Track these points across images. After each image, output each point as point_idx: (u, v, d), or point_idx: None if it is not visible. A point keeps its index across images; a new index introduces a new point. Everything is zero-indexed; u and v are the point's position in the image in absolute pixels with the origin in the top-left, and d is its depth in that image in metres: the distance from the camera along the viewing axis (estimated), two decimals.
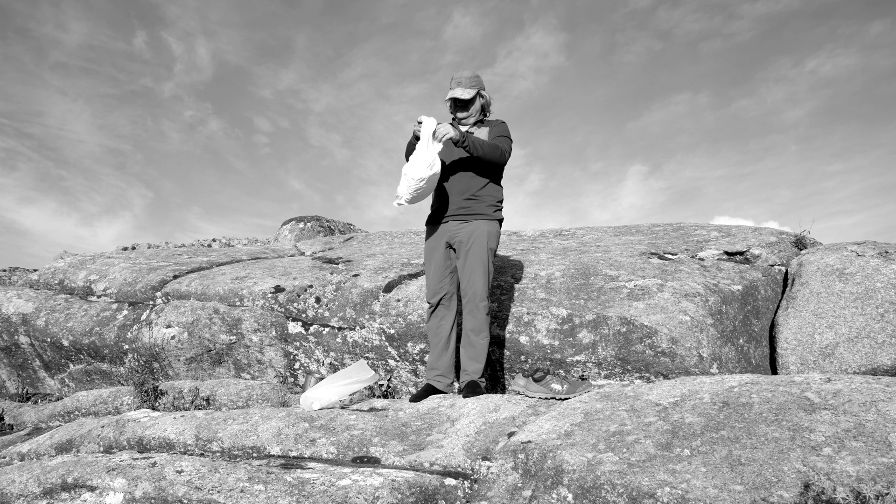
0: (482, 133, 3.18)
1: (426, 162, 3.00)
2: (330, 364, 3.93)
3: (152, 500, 1.94)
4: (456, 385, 3.22)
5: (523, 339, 3.35)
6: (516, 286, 3.67)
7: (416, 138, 3.16)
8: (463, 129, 3.20)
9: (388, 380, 3.71)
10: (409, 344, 3.65)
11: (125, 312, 4.61)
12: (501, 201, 3.25)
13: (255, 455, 2.44)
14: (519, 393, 2.87)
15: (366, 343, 3.80)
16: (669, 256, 3.97)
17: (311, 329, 4.02)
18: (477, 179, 3.16)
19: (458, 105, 3.19)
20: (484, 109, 3.25)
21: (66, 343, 4.62)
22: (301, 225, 9.31)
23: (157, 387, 3.69)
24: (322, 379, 3.41)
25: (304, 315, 4.08)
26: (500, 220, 3.22)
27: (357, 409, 2.96)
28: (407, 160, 3.27)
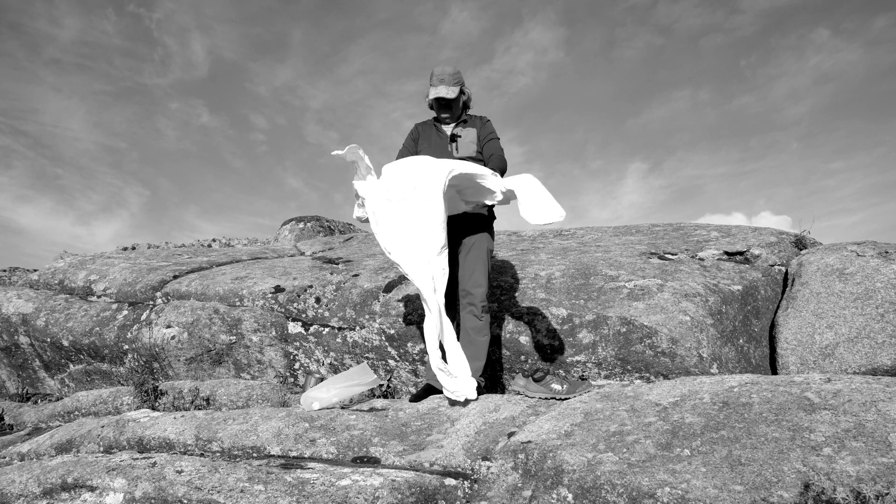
0: (469, 133, 3.15)
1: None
2: (330, 364, 3.93)
3: (152, 500, 1.94)
4: None
5: (523, 339, 3.35)
6: (516, 286, 3.67)
7: (414, 140, 3.15)
8: (447, 129, 3.18)
9: (388, 380, 3.71)
10: (409, 344, 3.65)
11: (125, 312, 4.61)
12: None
13: (255, 455, 2.44)
14: (519, 393, 2.87)
15: (366, 343, 3.80)
16: (669, 256, 3.97)
17: (311, 329, 4.02)
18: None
19: (443, 105, 3.13)
20: (466, 106, 3.22)
21: (66, 343, 4.62)
22: (301, 225, 9.31)
23: (157, 387, 3.68)
24: (322, 379, 3.41)
25: (304, 315, 4.08)
26: (494, 219, 3.23)
27: (357, 409, 2.96)
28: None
